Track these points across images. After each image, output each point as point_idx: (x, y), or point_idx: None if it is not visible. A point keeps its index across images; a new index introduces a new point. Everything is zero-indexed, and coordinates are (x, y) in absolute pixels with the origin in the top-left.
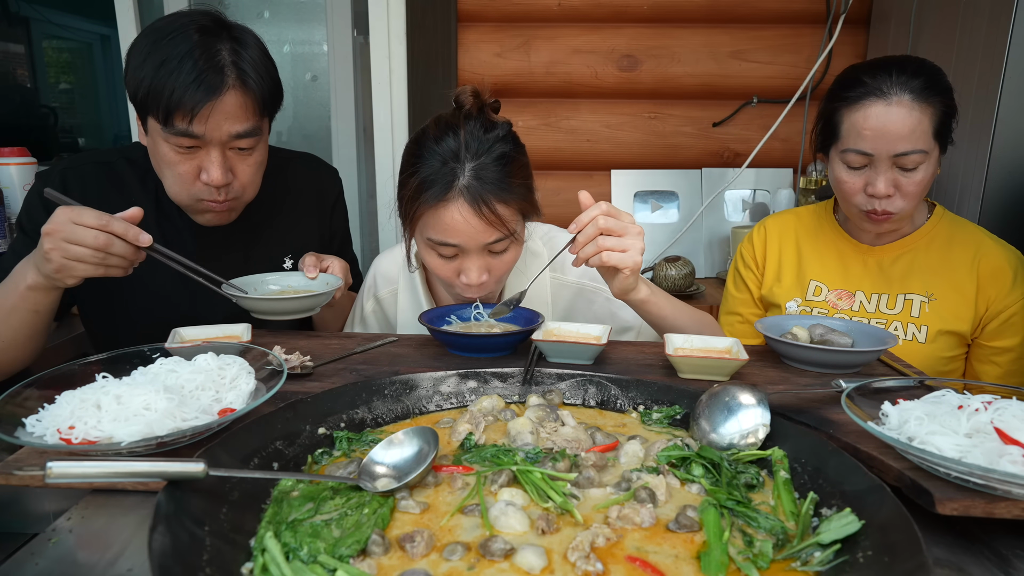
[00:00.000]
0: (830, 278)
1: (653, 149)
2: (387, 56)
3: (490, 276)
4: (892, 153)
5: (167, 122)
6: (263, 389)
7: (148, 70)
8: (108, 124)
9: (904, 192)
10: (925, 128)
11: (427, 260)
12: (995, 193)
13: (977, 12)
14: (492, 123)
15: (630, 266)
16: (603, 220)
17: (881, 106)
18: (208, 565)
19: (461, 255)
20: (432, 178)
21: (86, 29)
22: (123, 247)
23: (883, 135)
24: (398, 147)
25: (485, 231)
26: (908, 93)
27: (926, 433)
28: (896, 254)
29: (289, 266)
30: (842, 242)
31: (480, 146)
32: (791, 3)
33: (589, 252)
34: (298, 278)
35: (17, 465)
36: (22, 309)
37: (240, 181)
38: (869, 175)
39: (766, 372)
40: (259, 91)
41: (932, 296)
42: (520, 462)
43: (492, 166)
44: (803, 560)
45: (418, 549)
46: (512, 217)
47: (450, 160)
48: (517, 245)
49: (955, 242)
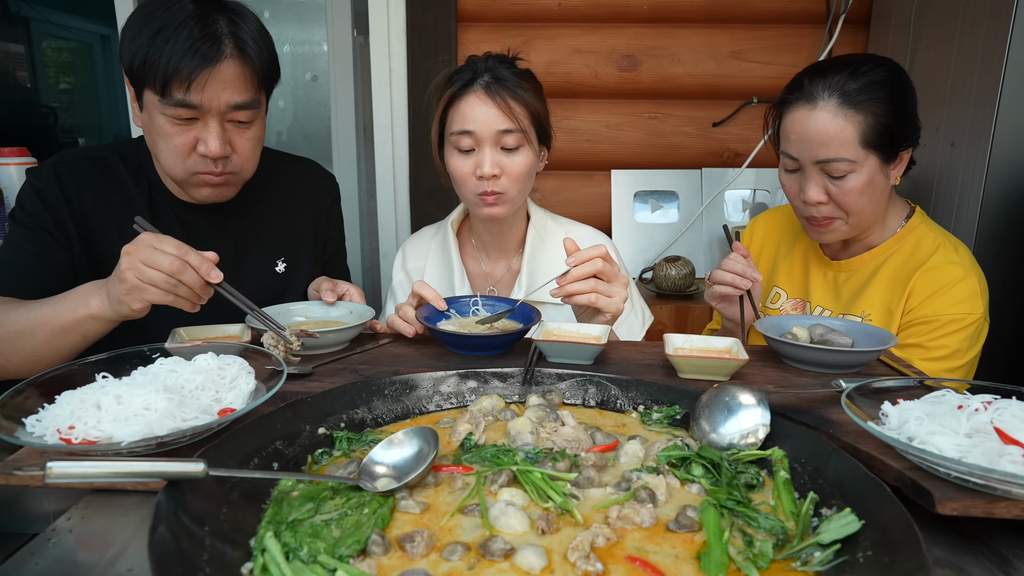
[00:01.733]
0: (792, 286)
1: (653, 149)
2: (387, 56)
3: (503, 174)
4: (814, 160)
5: (164, 92)
6: (263, 389)
7: (144, 39)
8: (108, 124)
9: (838, 200)
10: (849, 136)
11: (450, 163)
12: (995, 193)
13: (977, 12)
14: (515, 58)
15: (613, 312)
16: (601, 263)
17: (806, 111)
18: (208, 565)
19: (478, 149)
20: (457, 79)
21: (86, 29)
22: (194, 278)
23: (804, 140)
24: (398, 147)
25: (498, 118)
26: (837, 98)
27: (926, 433)
28: (852, 271)
29: (281, 269)
30: (811, 252)
31: (499, 63)
32: (791, 3)
33: (582, 288)
34: (319, 307)
35: (17, 465)
36: (75, 332)
37: (240, 155)
38: (801, 181)
39: (766, 372)
40: (258, 61)
41: (868, 316)
42: (520, 462)
43: (507, 73)
44: (803, 560)
45: (418, 549)
46: (523, 115)
47: (475, 68)
48: (529, 151)
49: (913, 256)
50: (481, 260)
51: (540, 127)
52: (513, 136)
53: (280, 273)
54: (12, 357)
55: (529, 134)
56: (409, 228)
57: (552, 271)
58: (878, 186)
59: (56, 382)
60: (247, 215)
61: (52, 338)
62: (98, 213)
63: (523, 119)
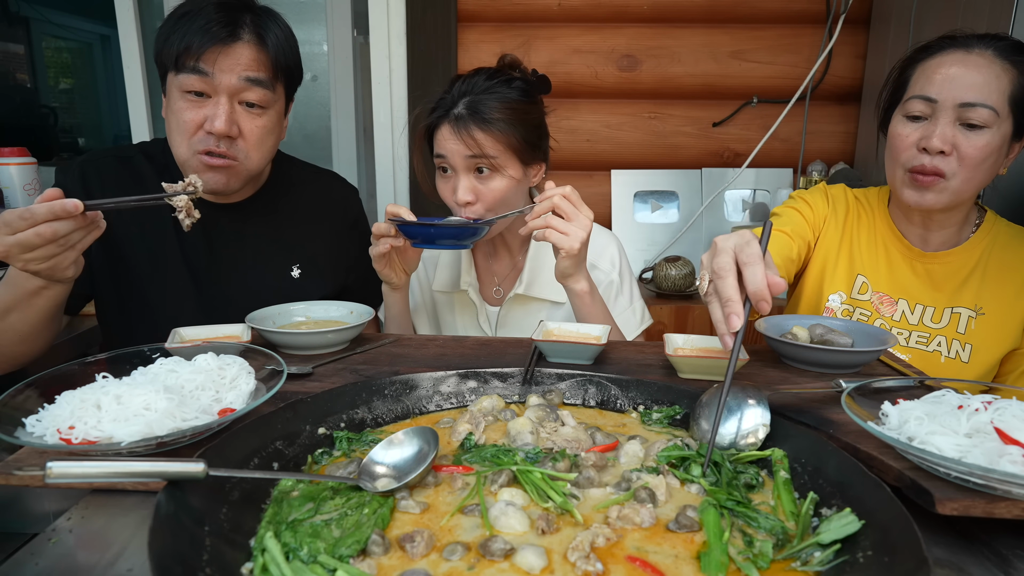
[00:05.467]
0: (876, 277)
1: (653, 149)
2: (387, 56)
3: (478, 200)
4: (958, 102)
5: (178, 64)
6: (263, 389)
7: (169, 25)
8: (108, 124)
9: (961, 154)
10: (1001, 86)
11: (436, 183)
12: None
13: (977, 12)
14: (506, 76)
15: (566, 248)
16: (559, 200)
17: (960, 54)
18: (208, 565)
19: (454, 174)
20: (438, 104)
21: (86, 29)
22: (66, 225)
23: (952, 80)
24: (398, 147)
25: (465, 152)
26: (993, 51)
27: (926, 433)
28: (947, 261)
29: (296, 275)
30: (892, 240)
31: (477, 88)
32: (791, 3)
33: (537, 225)
34: (319, 307)
35: (17, 465)
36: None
37: (246, 141)
38: (926, 128)
39: (766, 372)
40: (275, 51)
41: (980, 310)
42: (520, 462)
43: (485, 103)
44: (803, 560)
45: (418, 549)
46: (494, 147)
47: (452, 93)
48: (503, 178)
49: (1010, 250)
50: (487, 256)
51: (523, 150)
52: (484, 164)
53: (295, 279)
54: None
55: (504, 159)
56: None
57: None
58: (996, 160)
59: (56, 382)
60: (268, 218)
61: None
62: (120, 211)
63: (494, 148)
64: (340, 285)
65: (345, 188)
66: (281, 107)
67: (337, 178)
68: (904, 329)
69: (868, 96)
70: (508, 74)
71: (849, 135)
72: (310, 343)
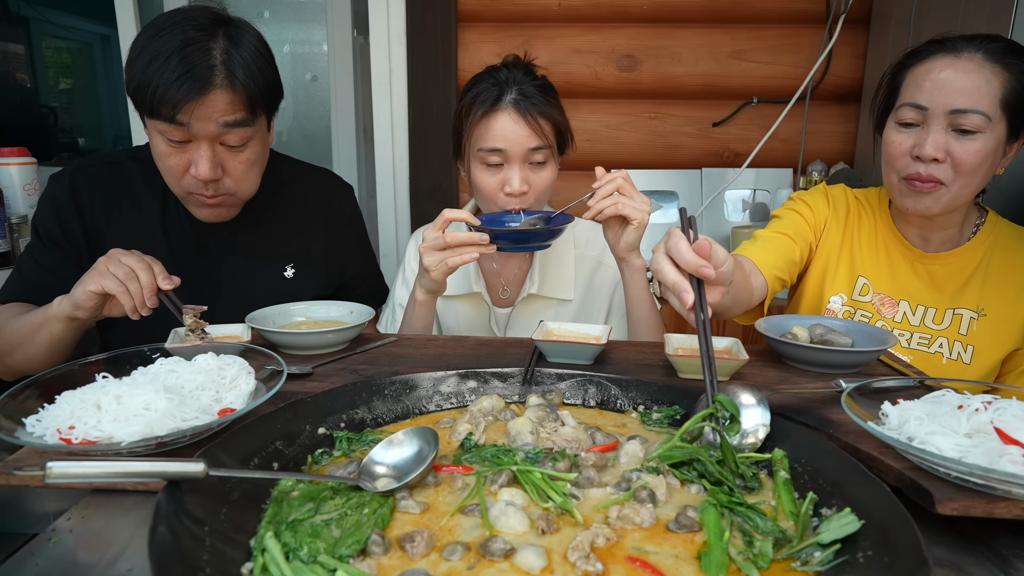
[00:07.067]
0: (877, 278)
1: (653, 149)
2: (387, 56)
3: (530, 189)
4: (948, 108)
5: (152, 112)
6: (263, 389)
7: (139, 66)
8: (108, 124)
9: (955, 160)
10: (992, 91)
11: (476, 176)
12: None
13: (977, 12)
14: (532, 70)
15: (639, 218)
16: (622, 182)
17: (949, 59)
18: (208, 565)
19: (506, 165)
20: (484, 95)
21: (86, 29)
22: (149, 278)
23: (942, 87)
24: (398, 147)
25: (528, 137)
26: (983, 54)
27: (926, 433)
28: (948, 262)
29: (290, 274)
30: (893, 241)
31: (523, 77)
32: (791, 3)
33: (606, 204)
34: (319, 307)
35: (17, 465)
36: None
37: (232, 177)
38: (919, 136)
39: (766, 372)
40: (247, 90)
41: (982, 311)
42: (520, 462)
43: (533, 89)
44: (803, 560)
45: (418, 549)
46: (550, 131)
47: (500, 82)
48: (553, 165)
49: (1012, 252)
50: (491, 259)
51: (562, 139)
52: (542, 152)
53: (288, 279)
54: (16, 359)
55: (554, 148)
56: (409, 228)
57: (561, 269)
58: (992, 163)
59: (56, 382)
60: (259, 220)
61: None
62: (109, 218)
63: (550, 135)
64: (336, 283)
65: (339, 184)
66: (264, 131)
67: (330, 174)
68: (905, 330)
69: (868, 96)
70: (533, 64)
71: (849, 135)
72: (310, 343)
